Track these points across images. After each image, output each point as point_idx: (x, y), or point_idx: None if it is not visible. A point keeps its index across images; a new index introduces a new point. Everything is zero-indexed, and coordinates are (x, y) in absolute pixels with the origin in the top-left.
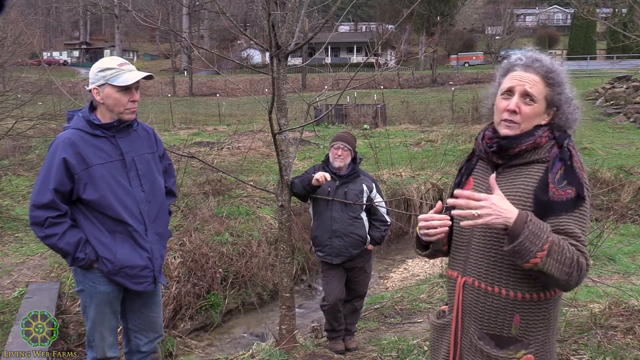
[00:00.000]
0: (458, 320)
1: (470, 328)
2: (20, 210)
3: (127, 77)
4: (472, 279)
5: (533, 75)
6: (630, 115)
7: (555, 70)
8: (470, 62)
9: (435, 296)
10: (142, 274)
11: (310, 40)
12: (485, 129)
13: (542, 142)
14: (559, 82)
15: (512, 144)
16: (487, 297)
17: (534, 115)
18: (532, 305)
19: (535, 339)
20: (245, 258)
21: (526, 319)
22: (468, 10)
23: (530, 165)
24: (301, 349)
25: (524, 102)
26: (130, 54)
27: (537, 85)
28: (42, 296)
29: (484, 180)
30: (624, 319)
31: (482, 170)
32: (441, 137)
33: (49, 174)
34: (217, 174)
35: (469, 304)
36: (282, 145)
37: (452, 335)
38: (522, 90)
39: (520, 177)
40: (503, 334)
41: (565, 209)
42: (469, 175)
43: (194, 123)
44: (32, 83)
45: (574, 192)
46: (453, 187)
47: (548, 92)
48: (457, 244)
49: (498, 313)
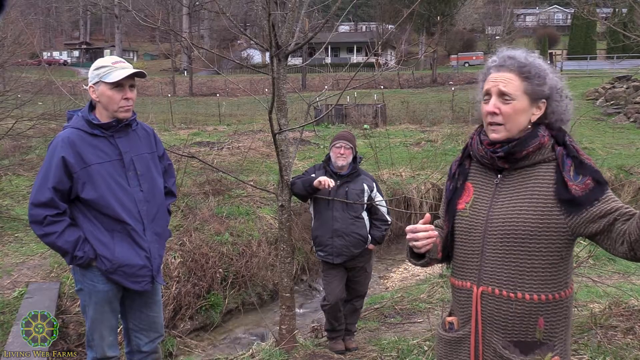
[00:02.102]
0: (478, 332)
1: (493, 338)
2: (20, 210)
3: (118, 74)
4: (492, 287)
5: (506, 74)
6: (630, 115)
7: (529, 63)
8: (470, 62)
9: (435, 296)
10: (140, 274)
11: (310, 40)
12: (479, 132)
13: (545, 141)
14: (537, 74)
15: (520, 148)
16: (510, 304)
17: (515, 113)
18: (554, 306)
19: (559, 339)
20: (245, 258)
21: (549, 321)
22: (468, 10)
23: (536, 166)
24: (301, 349)
25: (502, 101)
26: (130, 54)
27: (511, 82)
28: (42, 296)
29: (487, 187)
30: (624, 319)
31: (480, 174)
32: (441, 137)
33: (48, 172)
34: (217, 173)
35: (490, 313)
36: (282, 145)
37: (472, 349)
38: (497, 90)
39: (530, 179)
40: (527, 339)
41: (595, 197)
42: (464, 180)
43: (194, 123)
44: (32, 83)
45: (592, 181)
46: (448, 192)
47: (526, 86)
48: (466, 253)
49: (522, 319)
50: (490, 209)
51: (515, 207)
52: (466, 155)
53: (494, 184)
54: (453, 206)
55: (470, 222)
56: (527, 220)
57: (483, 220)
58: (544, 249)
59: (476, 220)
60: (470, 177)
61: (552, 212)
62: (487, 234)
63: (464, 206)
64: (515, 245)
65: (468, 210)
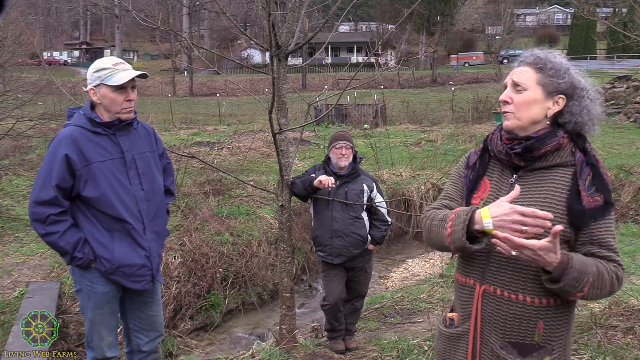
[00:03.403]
0: (477, 330)
1: (491, 337)
2: (20, 210)
3: (121, 77)
4: (494, 287)
5: (521, 67)
6: (630, 115)
7: (545, 57)
8: (470, 62)
9: (436, 296)
10: (140, 273)
11: (311, 40)
12: (500, 129)
13: (564, 143)
14: (552, 67)
15: (538, 146)
16: (511, 305)
17: (526, 102)
18: (555, 310)
19: (558, 343)
20: (246, 258)
21: (549, 325)
22: (468, 10)
23: (553, 169)
24: (301, 349)
25: (515, 91)
26: (130, 54)
27: (524, 73)
28: (42, 296)
29: (503, 185)
30: (624, 318)
31: (498, 172)
32: (441, 137)
33: (50, 170)
34: (218, 173)
35: (490, 312)
36: (282, 145)
37: (469, 346)
38: (510, 82)
39: (545, 182)
40: (526, 341)
41: (594, 217)
42: (483, 174)
43: (194, 123)
44: (33, 83)
45: (602, 200)
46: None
47: (540, 78)
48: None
49: (521, 321)
50: None
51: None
52: (486, 147)
53: (509, 183)
54: (469, 199)
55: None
56: None
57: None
58: None
59: None
60: (489, 172)
61: (561, 219)
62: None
63: (478, 202)
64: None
65: (482, 206)
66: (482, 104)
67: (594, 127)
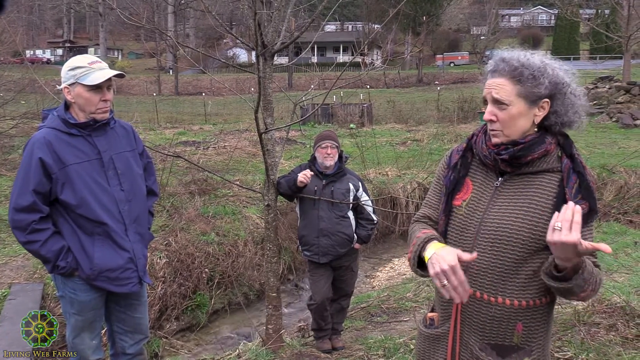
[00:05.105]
0: (456, 331)
1: (471, 339)
2: (2, 211)
3: (97, 76)
4: (474, 289)
5: (499, 79)
6: (612, 115)
7: (522, 64)
8: (455, 62)
9: (422, 295)
10: (124, 276)
11: (297, 39)
12: (485, 130)
13: (551, 149)
14: (531, 75)
15: (525, 153)
16: (490, 307)
17: (511, 118)
18: (534, 312)
19: (537, 344)
20: (232, 258)
21: (528, 326)
22: (454, 11)
23: (539, 174)
24: (288, 349)
25: (498, 108)
26: (115, 53)
27: (503, 87)
28: (25, 297)
29: (487, 188)
30: (607, 316)
31: (482, 174)
32: (427, 137)
33: (27, 175)
34: (203, 173)
35: (470, 314)
36: (268, 145)
37: (449, 347)
38: (491, 98)
39: (531, 187)
40: (505, 342)
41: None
42: (465, 174)
43: (179, 122)
44: (15, 82)
45: (587, 207)
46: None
47: (520, 90)
48: None
49: (500, 323)
50: (486, 212)
51: (511, 214)
52: (469, 147)
53: (493, 186)
54: (450, 200)
55: (463, 222)
56: (520, 228)
57: (477, 222)
58: (531, 257)
59: (470, 221)
60: (471, 173)
61: (545, 225)
62: (479, 236)
63: (460, 203)
64: (505, 251)
65: (464, 208)
66: (468, 104)
67: (581, 120)
